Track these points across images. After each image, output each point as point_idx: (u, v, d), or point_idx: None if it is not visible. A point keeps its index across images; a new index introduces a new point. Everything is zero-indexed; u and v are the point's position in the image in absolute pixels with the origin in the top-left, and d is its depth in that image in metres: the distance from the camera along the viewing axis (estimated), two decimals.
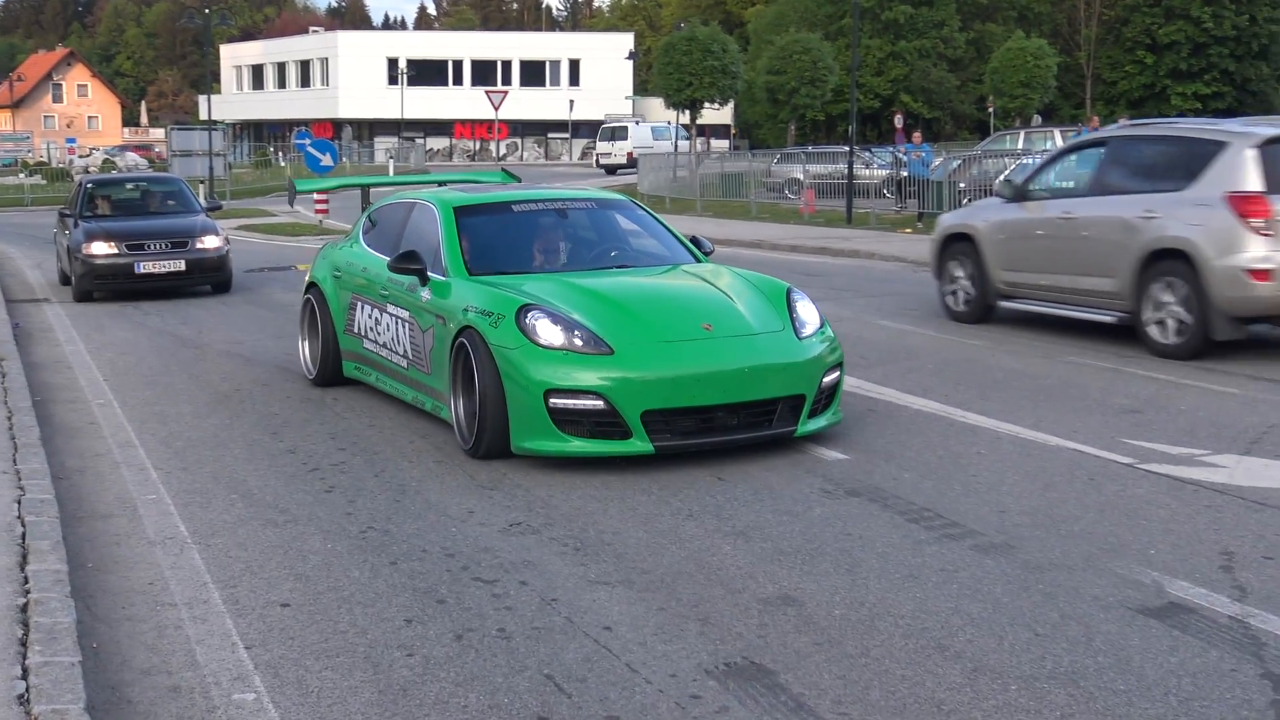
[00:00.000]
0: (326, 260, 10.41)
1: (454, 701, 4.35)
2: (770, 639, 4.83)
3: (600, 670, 4.58)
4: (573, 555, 5.84)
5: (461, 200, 9.22)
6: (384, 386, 9.21)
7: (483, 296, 7.82)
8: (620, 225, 9.62)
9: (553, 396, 7.12)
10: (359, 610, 5.20)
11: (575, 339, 7.29)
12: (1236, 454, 7.42)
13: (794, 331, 7.79)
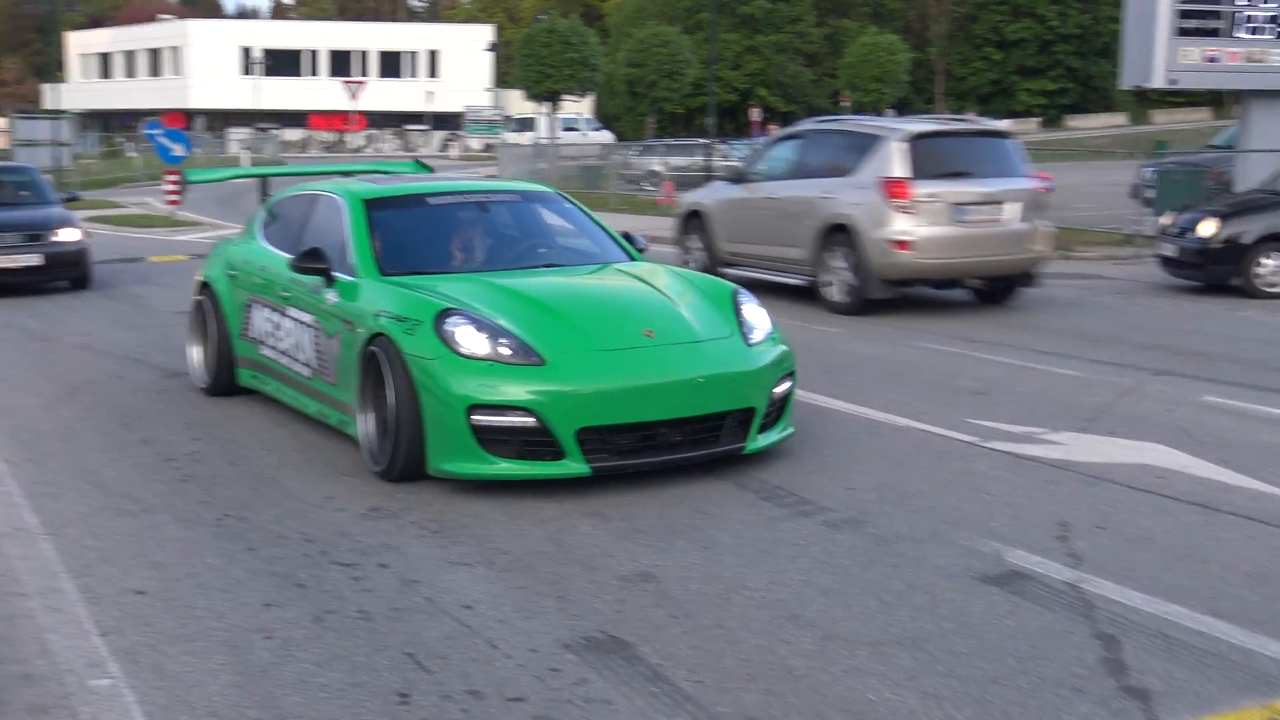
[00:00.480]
0: (220, 258, 9.45)
1: (314, 681, 4.37)
2: (628, 613, 4.93)
3: (461, 647, 4.64)
4: (432, 538, 5.88)
5: (371, 192, 8.26)
6: (284, 398, 8.32)
7: (396, 300, 7.04)
8: (546, 220, 8.80)
9: (476, 413, 6.35)
10: (217, 596, 5.18)
11: (501, 348, 6.52)
12: (1074, 431, 7.74)
13: (742, 338, 7.11)
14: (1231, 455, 7.14)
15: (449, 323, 6.61)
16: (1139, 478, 6.71)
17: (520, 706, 4.15)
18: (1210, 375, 9.65)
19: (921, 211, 12.40)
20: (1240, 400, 8.66)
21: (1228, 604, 4.95)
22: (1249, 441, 7.51)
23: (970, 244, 12.63)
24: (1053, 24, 72.32)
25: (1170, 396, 8.81)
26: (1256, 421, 8.05)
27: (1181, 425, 7.89)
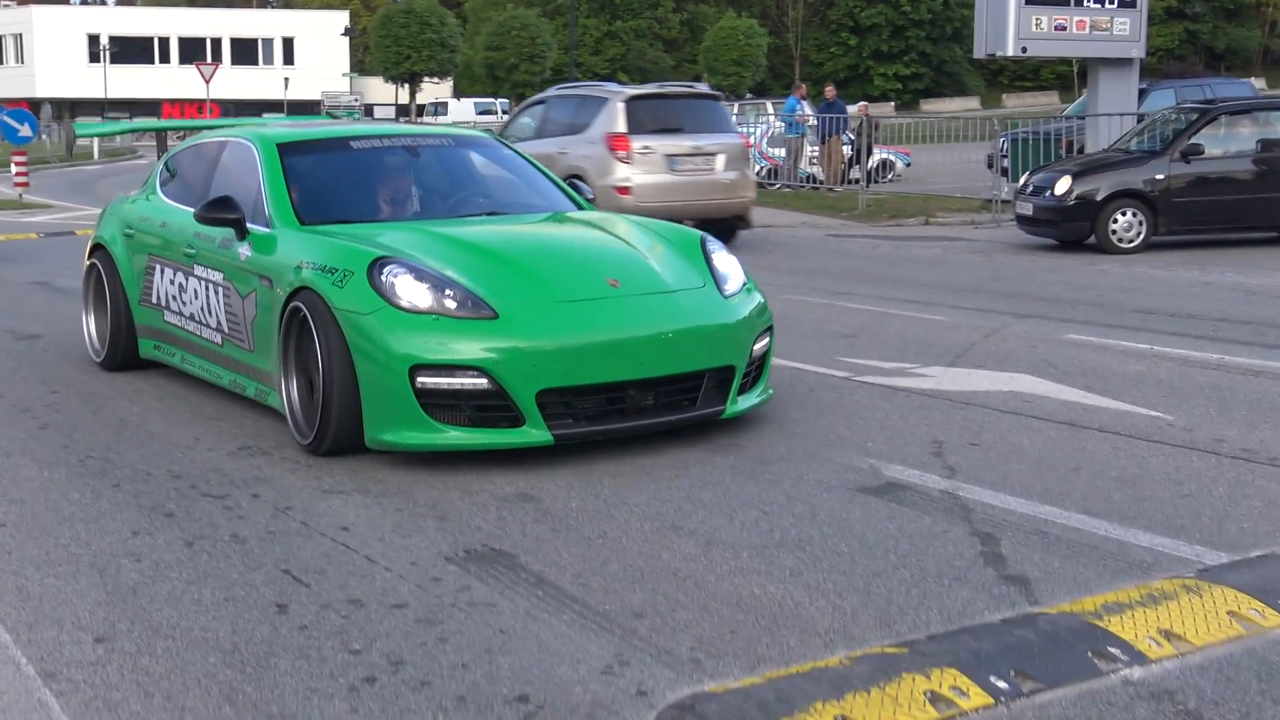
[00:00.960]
0: (115, 217, 8.45)
1: (187, 597, 4.24)
2: (509, 529, 4.87)
3: (338, 564, 4.54)
4: (305, 470, 5.75)
5: (286, 136, 7.42)
6: (193, 369, 7.39)
7: (322, 249, 6.17)
8: (484, 167, 7.99)
9: (421, 374, 5.51)
10: (81, 526, 4.99)
11: (447, 300, 5.69)
12: (942, 366, 7.87)
13: (716, 288, 6.30)
14: (1094, 382, 7.31)
15: (386, 272, 5.77)
16: (1007, 402, 6.83)
17: (402, 612, 4.07)
18: (1070, 317, 9.89)
19: (638, 161, 14.57)
20: (1100, 338, 8.87)
21: (1098, 504, 5.05)
22: (1111, 371, 7.69)
23: (683, 189, 14.78)
24: (906, 9, 73.62)
25: (1033, 335, 9.00)
26: (1117, 354, 8.25)
27: (1045, 359, 8.06)
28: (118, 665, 3.72)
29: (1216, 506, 5.01)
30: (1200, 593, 3.98)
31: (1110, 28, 18.97)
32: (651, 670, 3.60)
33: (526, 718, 3.33)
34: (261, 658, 3.74)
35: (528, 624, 3.95)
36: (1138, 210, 14.06)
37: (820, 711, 3.26)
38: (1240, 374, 7.54)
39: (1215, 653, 3.64)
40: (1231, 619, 3.80)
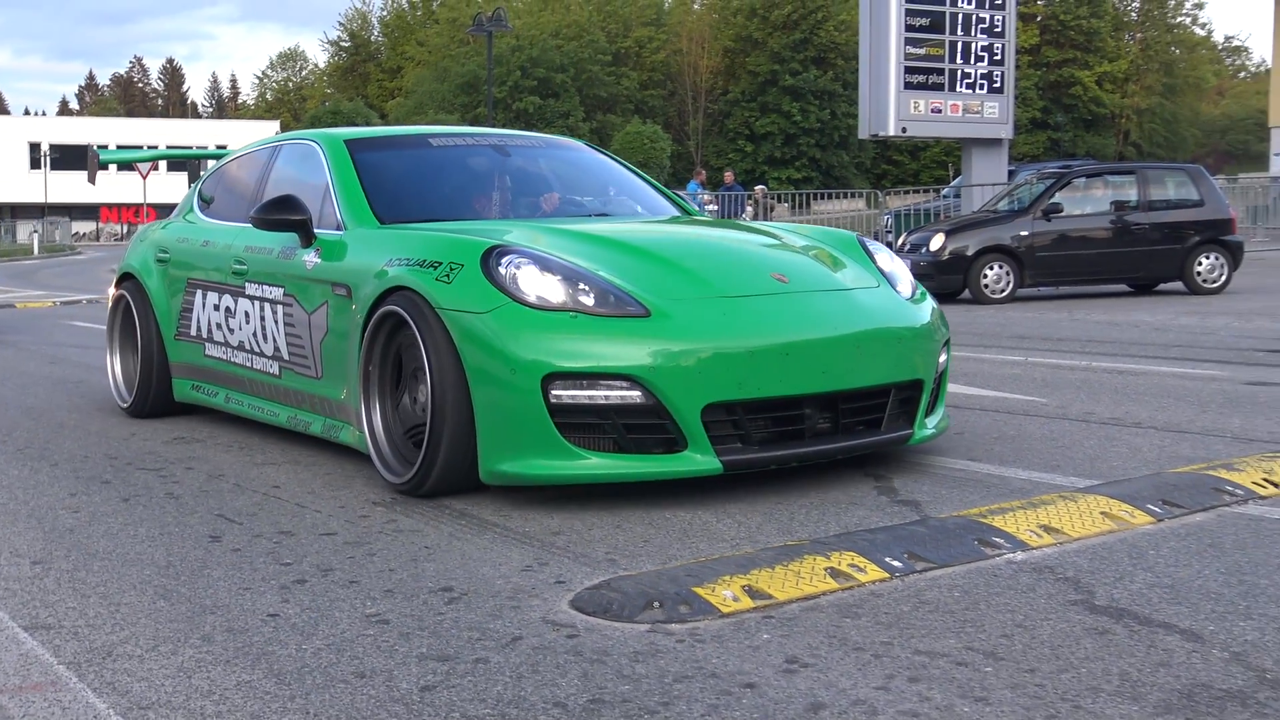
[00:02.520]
0: (145, 242, 6.94)
1: (124, 534, 4.13)
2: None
3: (270, 509, 4.46)
4: (238, 452, 5.65)
5: (355, 134, 5.95)
6: (241, 409, 5.94)
7: (418, 243, 4.75)
8: (581, 169, 6.53)
9: (556, 385, 4.10)
10: (19, 491, 4.86)
11: (582, 295, 4.27)
12: None
13: (891, 289, 4.98)
14: (975, 380, 7.42)
15: (506, 262, 4.38)
16: None
17: (331, 538, 4.00)
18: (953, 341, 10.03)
19: None
20: (978, 353, 9.02)
21: (981, 454, 5.12)
22: (989, 373, 7.81)
23: None
24: (796, 119, 75.07)
25: None
26: (995, 364, 8.38)
27: None
28: (55, 578, 3.62)
29: (1088, 452, 5.10)
30: (1076, 500, 4.04)
31: (981, 110, 19.53)
32: (569, 568, 3.57)
33: (451, 602, 3.28)
34: (195, 570, 3.66)
35: (451, 542, 3.91)
36: (1005, 264, 14.40)
37: (728, 583, 3.26)
38: (1106, 373, 7.71)
39: (1090, 542, 3.69)
40: (1104, 517, 3.86)
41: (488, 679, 2.71)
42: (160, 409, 6.56)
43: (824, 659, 2.78)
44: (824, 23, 66.06)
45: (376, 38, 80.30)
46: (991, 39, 19.45)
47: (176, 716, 2.56)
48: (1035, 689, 2.58)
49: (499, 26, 36.61)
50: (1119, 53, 66.94)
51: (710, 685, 2.64)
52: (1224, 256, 14.63)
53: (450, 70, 61.56)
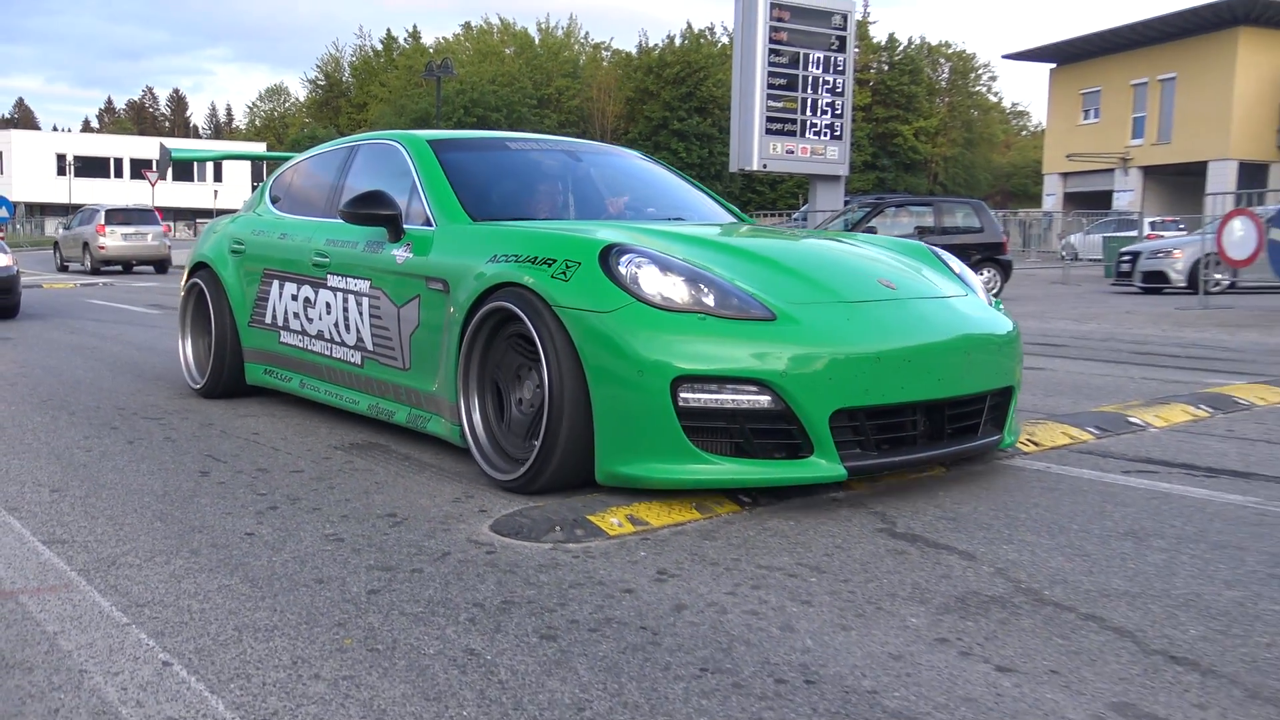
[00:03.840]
0: (218, 234, 5.96)
1: (128, 468, 4.02)
2: (383, 431, 4.76)
3: (250, 451, 4.37)
4: (225, 406, 5.49)
5: (438, 135, 4.98)
6: (315, 394, 5.03)
7: (526, 239, 3.87)
8: (648, 177, 5.48)
9: (685, 388, 3.31)
10: (42, 434, 4.70)
11: (704, 296, 3.47)
12: None
13: (976, 296, 4.18)
14: None
15: (626, 260, 3.54)
16: None
17: (299, 475, 3.93)
18: None
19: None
20: None
21: None
22: None
23: None
24: (682, 156, 75.11)
25: None
26: None
27: None
28: (69, 503, 3.51)
29: None
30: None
31: (825, 153, 19.71)
32: (492, 500, 3.56)
33: (394, 525, 3.25)
34: (187, 498, 3.58)
35: (397, 479, 3.86)
36: None
37: (615, 512, 3.27)
38: None
39: (894, 483, 3.76)
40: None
41: (422, 585, 2.70)
42: (231, 391, 5.67)
43: (687, 571, 2.81)
44: (705, 80, 66.19)
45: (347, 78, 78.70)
46: (834, 97, 19.67)
47: (168, 612, 2.51)
48: (848, 595, 2.64)
49: (446, 73, 36.06)
50: (931, 112, 68.07)
51: (598, 590, 2.66)
52: (997, 271, 15.18)
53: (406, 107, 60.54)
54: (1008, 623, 2.45)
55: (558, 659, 2.23)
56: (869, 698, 2.06)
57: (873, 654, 2.27)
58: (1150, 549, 2.98)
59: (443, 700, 2.04)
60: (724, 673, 2.17)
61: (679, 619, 2.46)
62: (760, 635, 2.37)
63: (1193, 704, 2.04)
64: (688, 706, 2.02)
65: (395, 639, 2.34)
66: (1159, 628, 2.41)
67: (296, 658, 2.24)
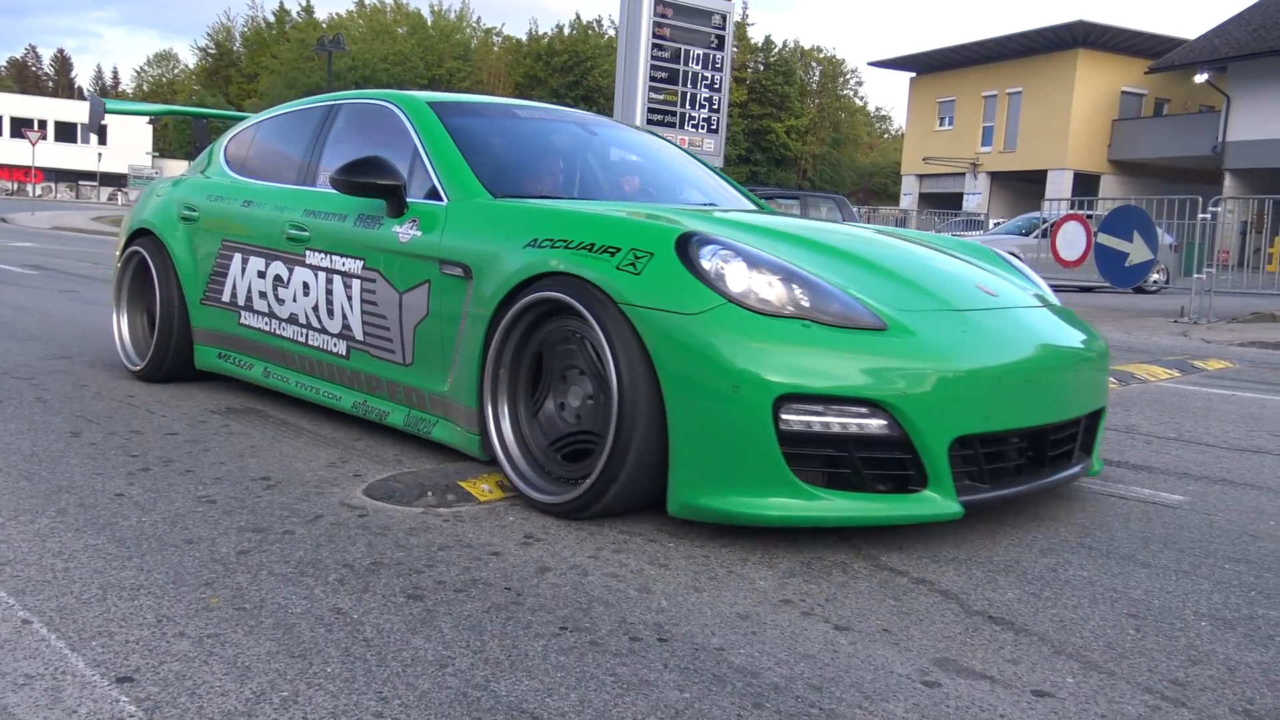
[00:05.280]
0: (164, 198, 4.97)
1: None
2: (261, 396, 4.61)
3: (124, 412, 4.18)
4: (101, 368, 5.25)
5: (439, 98, 4.13)
6: (286, 387, 4.21)
7: (576, 222, 3.13)
8: (671, 156, 4.62)
9: (789, 409, 2.65)
10: None
11: (803, 297, 2.79)
12: None
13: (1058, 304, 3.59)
14: None
15: (709, 252, 2.83)
16: None
17: (174, 437, 3.79)
18: None
19: None
20: None
21: None
22: None
23: None
24: None
25: None
26: None
27: None
28: None
29: None
30: None
31: (702, 145, 19.86)
32: (366, 465, 3.49)
33: (268, 488, 3.16)
34: (56, 459, 3.41)
35: (273, 443, 3.75)
36: None
37: (486, 479, 3.24)
38: None
39: None
40: None
41: (293, 546, 2.63)
42: (175, 375, 4.79)
43: (553, 535, 2.81)
44: (592, 70, 65.85)
45: (238, 48, 75.60)
46: (711, 93, 19.84)
47: (30, 571, 2.39)
48: (703, 559, 2.68)
49: (337, 48, 35.01)
50: (803, 112, 69.20)
51: (465, 553, 2.64)
52: None
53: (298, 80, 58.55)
54: (847, 585, 2.52)
55: (423, 618, 2.21)
56: (716, 654, 2.09)
57: (722, 614, 2.31)
58: (977, 520, 3.10)
59: (307, 657, 2.00)
60: (582, 631, 2.18)
61: (542, 580, 2.46)
62: (618, 596, 2.39)
63: (1006, 660, 2.14)
64: (546, 663, 2.02)
65: (263, 598, 2.28)
66: (980, 590, 2.52)
67: (161, 616, 2.16)
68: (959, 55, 39.94)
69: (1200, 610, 2.45)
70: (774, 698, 1.92)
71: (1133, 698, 1.99)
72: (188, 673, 1.92)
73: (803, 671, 2.03)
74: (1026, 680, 2.04)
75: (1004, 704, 1.94)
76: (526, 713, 1.82)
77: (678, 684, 1.95)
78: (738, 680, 1.98)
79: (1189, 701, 1.98)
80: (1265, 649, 2.25)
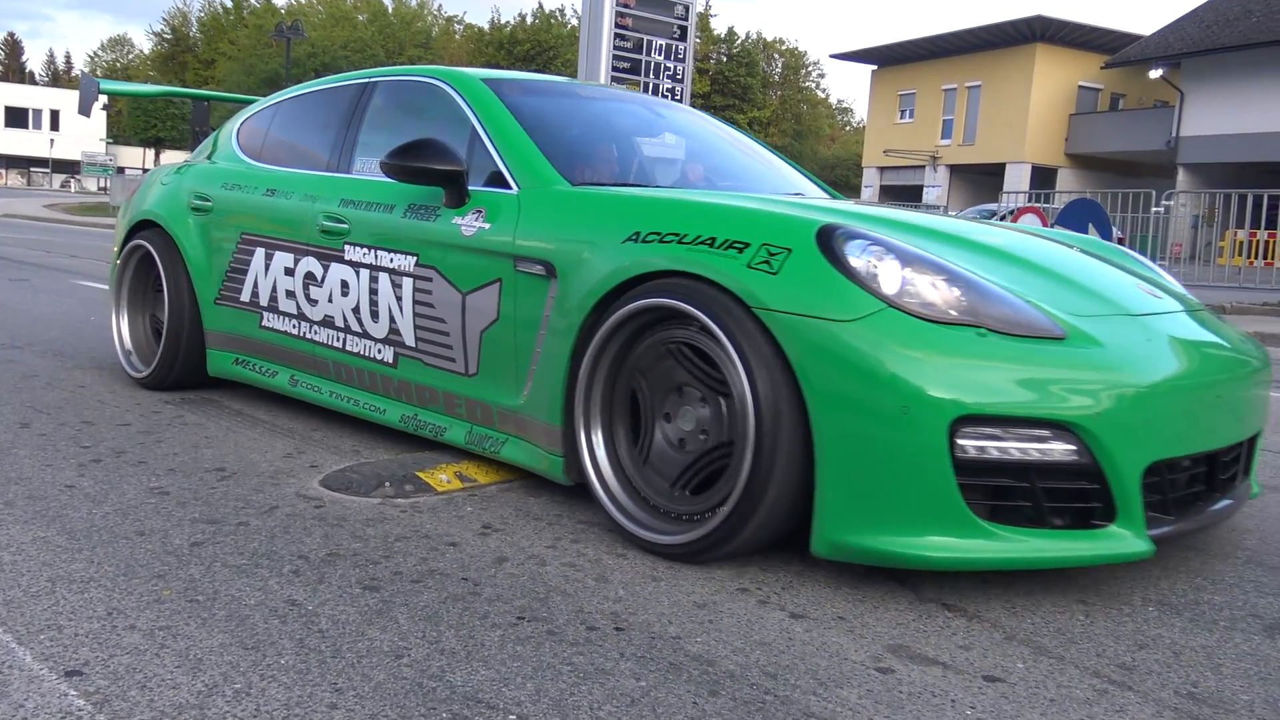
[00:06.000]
0: (169, 186, 4.50)
1: None
2: (220, 387, 4.55)
3: (75, 403, 4.11)
4: (53, 357, 5.17)
5: (495, 75, 3.70)
6: (319, 397, 3.77)
7: (688, 212, 2.68)
8: (748, 143, 4.24)
9: (965, 432, 2.23)
10: None
11: (968, 300, 2.37)
12: None
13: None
14: None
15: (858, 248, 2.43)
16: None
17: (126, 428, 3.73)
18: None
19: None
20: None
21: None
22: None
23: None
24: None
25: None
26: None
27: None
28: None
29: None
30: None
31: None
32: (322, 456, 3.46)
33: (223, 480, 3.12)
34: (4, 450, 3.34)
35: (228, 434, 3.71)
36: None
37: (444, 469, 3.23)
38: None
39: None
40: None
41: (247, 537, 2.61)
42: (187, 383, 4.34)
43: (511, 525, 2.81)
44: (554, 59, 65.61)
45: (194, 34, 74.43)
46: (674, 83, 19.81)
47: None
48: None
49: (296, 35, 34.56)
50: (765, 104, 69.42)
51: (423, 543, 2.63)
52: None
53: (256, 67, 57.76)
54: (803, 574, 2.54)
55: (379, 609, 2.20)
56: (673, 643, 2.10)
57: (679, 603, 2.32)
58: None
59: (260, 649, 1.98)
60: (539, 621, 2.18)
61: (500, 570, 2.46)
62: (576, 586, 2.39)
63: (959, 646, 2.17)
64: (502, 652, 2.02)
65: (216, 590, 2.26)
66: (934, 578, 2.55)
67: (112, 609, 2.14)
68: (920, 48, 40.23)
69: (1148, 596, 2.50)
70: (729, 685, 1.93)
71: (1081, 681, 2.02)
72: (138, 665, 1.90)
73: (758, 659, 2.05)
74: (978, 666, 2.07)
75: (955, 689, 1.97)
76: (482, 702, 1.82)
77: (634, 672, 1.96)
78: (694, 668, 1.99)
79: (1135, 685, 2.02)
80: (1210, 633, 2.30)
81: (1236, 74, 28.28)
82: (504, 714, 1.78)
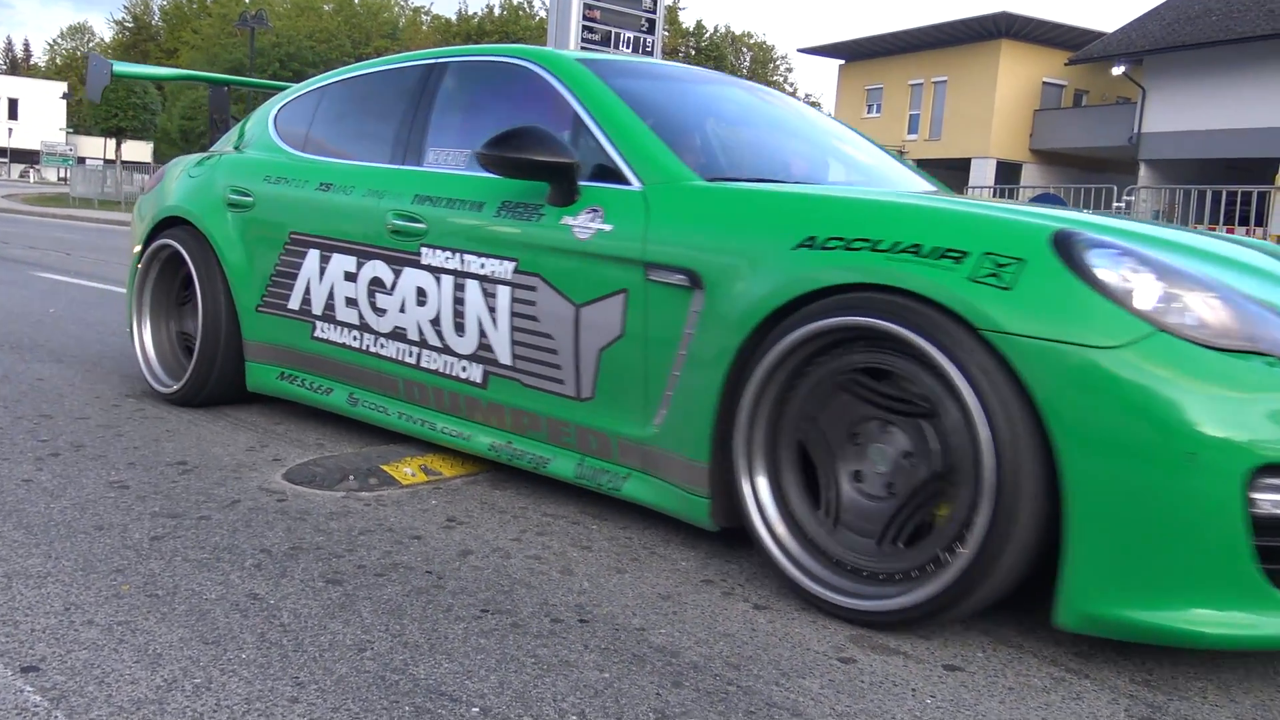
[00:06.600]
0: (199, 179, 4.00)
1: None
2: None
3: (33, 396, 4.05)
4: (9, 350, 5.09)
5: (591, 56, 3.16)
6: (385, 419, 3.33)
7: (879, 213, 2.24)
8: (855, 136, 3.84)
9: (1264, 484, 1.82)
10: None
11: (1240, 321, 1.96)
12: None
13: None
14: None
15: (1111, 259, 2.00)
16: None
17: (86, 421, 3.68)
18: None
19: None
20: None
21: None
22: None
23: None
24: None
25: None
26: None
27: None
28: None
29: None
30: None
31: None
32: (285, 449, 3.43)
33: (184, 473, 3.09)
34: None
35: (190, 427, 3.67)
36: None
37: (409, 462, 3.22)
38: None
39: None
40: None
41: (209, 531, 2.59)
42: (223, 398, 3.92)
43: (476, 518, 2.80)
44: None
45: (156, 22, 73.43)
46: None
47: None
48: (625, 540, 2.69)
49: (260, 24, 34.20)
50: None
51: (387, 537, 2.62)
52: None
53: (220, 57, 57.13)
54: (768, 565, 2.55)
55: (342, 602, 2.19)
56: (637, 634, 2.11)
57: (644, 595, 2.33)
58: None
59: (221, 643, 1.97)
60: (504, 613, 2.18)
61: (464, 564, 2.46)
62: (541, 578, 2.39)
63: (919, 636, 2.19)
64: (466, 645, 2.02)
65: (176, 584, 2.24)
66: None
67: (69, 604, 2.11)
68: (887, 43, 40.45)
69: None
70: (693, 676, 1.94)
71: (1039, 670, 2.05)
72: (96, 661, 1.88)
73: (722, 650, 2.06)
74: (939, 655, 2.09)
75: (916, 678, 1.99)
76: (445, 695, 1.82)
77: (598, 664, 1.96)
78: (658, 660, 2.00)
79: (1091, 673, 2.05)
80: None
81: (1198, 71, 28.69)
82: (467, 706, 1.78)
